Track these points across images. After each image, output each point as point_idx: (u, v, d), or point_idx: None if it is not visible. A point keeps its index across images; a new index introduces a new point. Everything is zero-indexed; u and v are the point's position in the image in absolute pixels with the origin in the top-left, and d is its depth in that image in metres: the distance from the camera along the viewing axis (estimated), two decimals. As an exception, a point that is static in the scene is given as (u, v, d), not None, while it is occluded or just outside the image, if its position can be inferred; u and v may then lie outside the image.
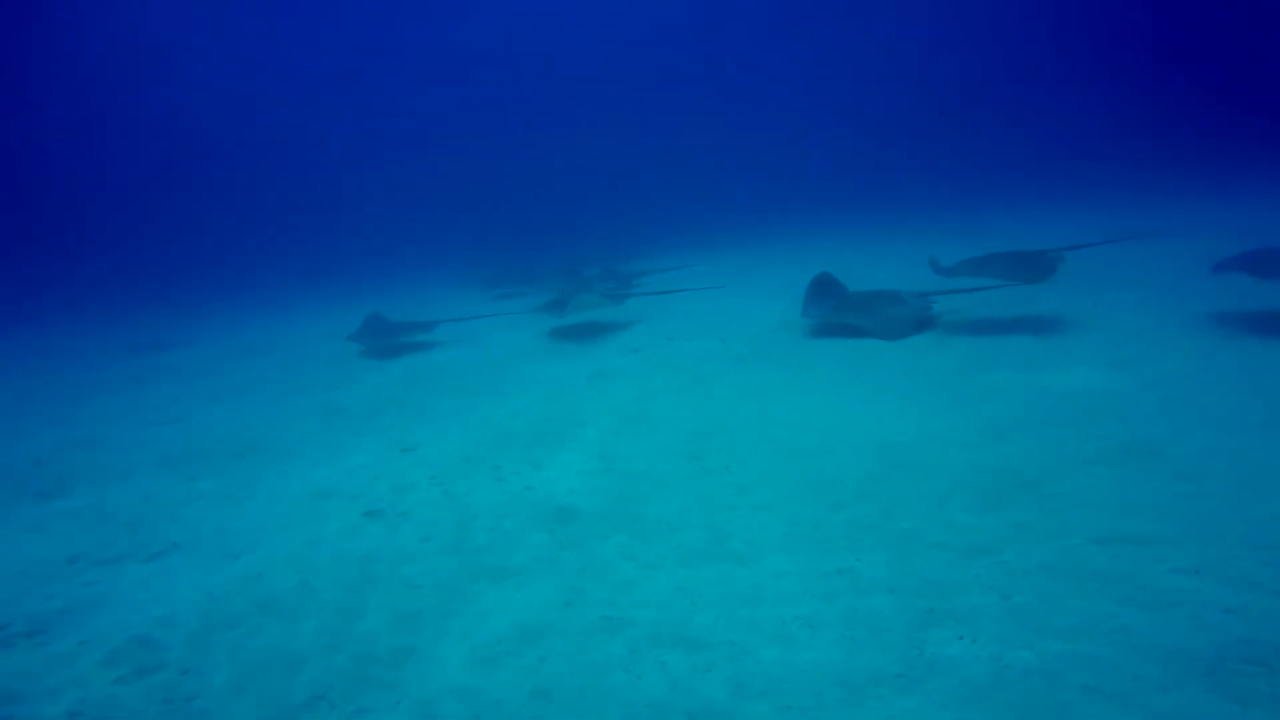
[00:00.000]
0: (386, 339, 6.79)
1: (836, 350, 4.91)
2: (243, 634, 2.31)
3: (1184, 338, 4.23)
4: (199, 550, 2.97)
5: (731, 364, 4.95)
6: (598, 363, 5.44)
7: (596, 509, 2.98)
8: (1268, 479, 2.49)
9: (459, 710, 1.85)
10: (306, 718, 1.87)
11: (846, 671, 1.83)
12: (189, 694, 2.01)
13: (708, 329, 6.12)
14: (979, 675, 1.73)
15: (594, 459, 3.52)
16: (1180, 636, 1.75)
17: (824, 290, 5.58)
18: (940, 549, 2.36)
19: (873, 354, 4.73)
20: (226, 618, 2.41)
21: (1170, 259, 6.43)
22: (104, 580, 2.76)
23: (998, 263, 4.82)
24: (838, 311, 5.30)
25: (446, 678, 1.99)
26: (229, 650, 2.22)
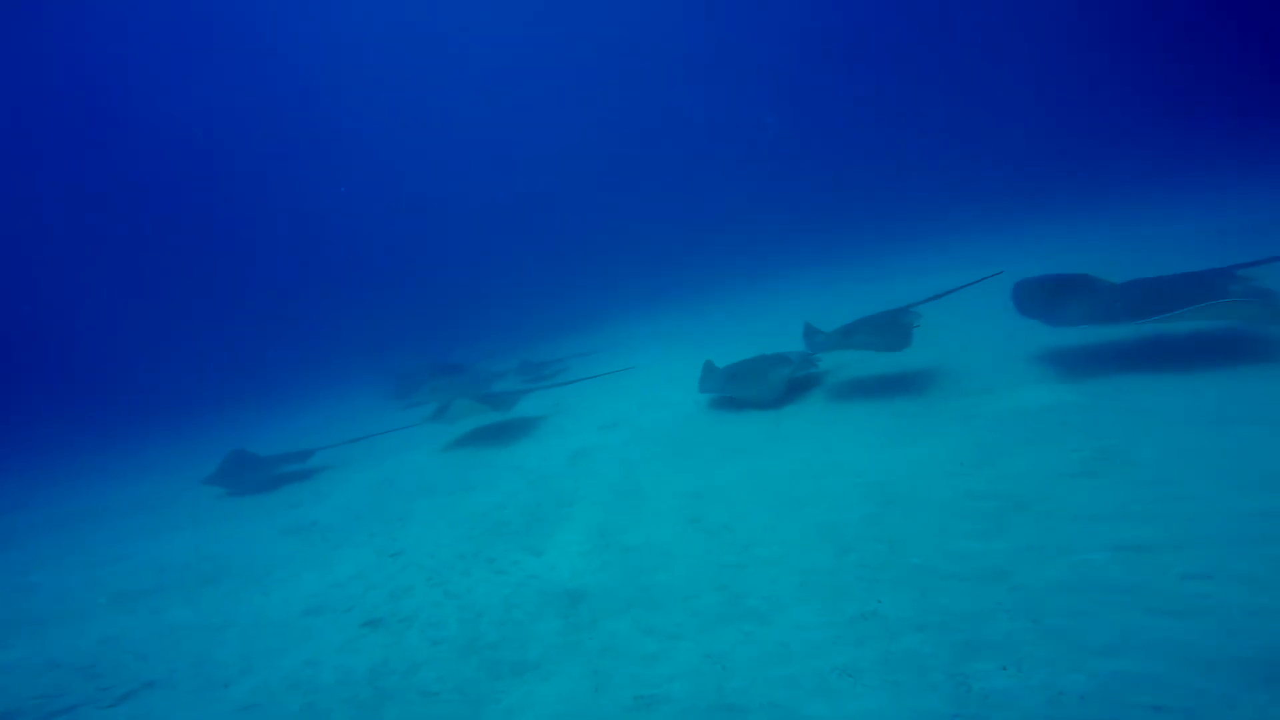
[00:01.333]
0: (253, 475, 5.93)
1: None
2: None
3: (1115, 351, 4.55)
4: (178, 686, 2.69)
5: (650, 459, 4.47)
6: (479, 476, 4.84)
7: (603, 585, 2.88)
8: (1235, 474, 2.62)
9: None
10: None
11: (899, 717, 1.77)
12: None
13: (620, 418, 5.62)
14: (1035, 706, 1.67)
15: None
16: (1221, 644, 1.72)
17: (710, 369, 5.54)
18: (956, 579, 2.37)
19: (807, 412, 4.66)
20: (218, 762, 2.16)
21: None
22: None
23: (861, 333, 4.65)
24: (723, 385, 5.13)
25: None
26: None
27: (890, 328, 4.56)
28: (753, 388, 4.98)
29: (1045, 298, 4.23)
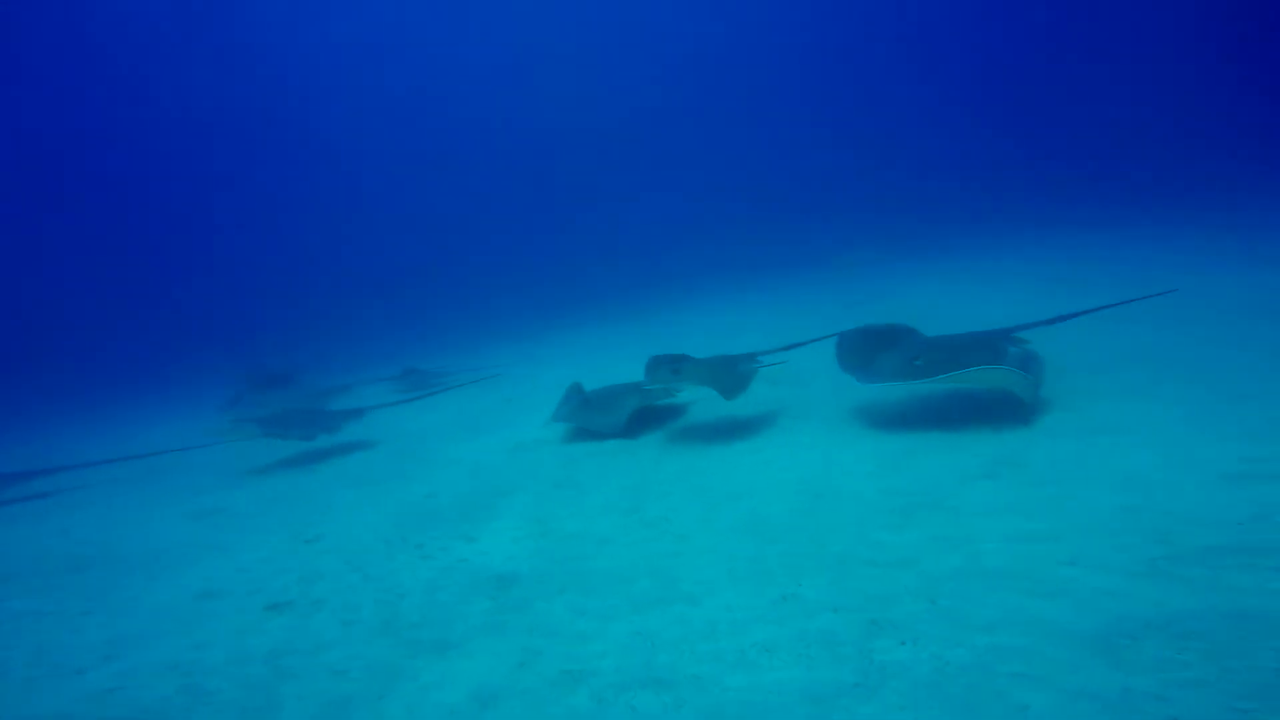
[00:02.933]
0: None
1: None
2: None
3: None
4: (8, 672, 2.32)
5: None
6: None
7: (537, 571, 2.85)
8: (1105, 477, 2.98)
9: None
10: None
11: (810, 687, 1.87)
12: None
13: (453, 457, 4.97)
14: (925, 675, 1.85)
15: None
16: (1075, 620, 1.97)
17: (574, 392, 5.38)
18: (870, 565, 2.56)
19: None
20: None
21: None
22: None
23: (694, 373, 4.36)
24: (574, 414, 4.93)
25: (386, 765, 1.72)
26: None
27: (725, 373, 4.39)
28: (601, 416, 4.74)
29: (859, 353, 4.28)
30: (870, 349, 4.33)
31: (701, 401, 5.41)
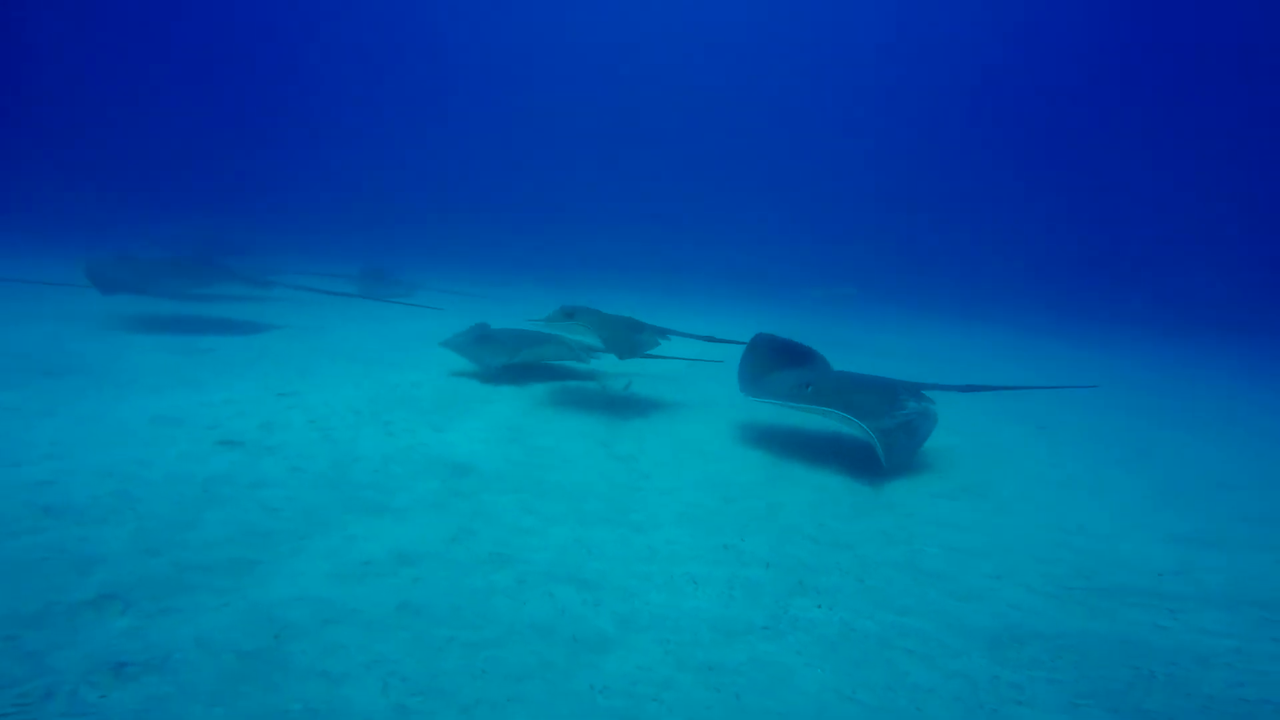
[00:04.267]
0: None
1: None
2: (26, 531, 1.83)
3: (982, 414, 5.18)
4: None
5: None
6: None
7: (497, 470, 2.86)
8: (1056, 514, 3.12)
9: (305, 614, 1.61)
10: (87, 616, 1.50)
11: (722, 620, 1.90)
12: None
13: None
14: (830, 634, 1.92)
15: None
16: (979, 620, 2.09)
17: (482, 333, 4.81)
18: (812, 541, 2.58)
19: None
20: (6, 515, 1.89)
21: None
22: None
23: (587, 318, 4.07)
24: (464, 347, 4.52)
25: (296, 588, 1.74)
26: (3, 543, 1.73)
27: (622, 332, 4.12)
28: (487, 354, 4.43)
29: (761, 364, 4.12)
30: (773, 364, 4.16)
31: (680, 380, 5.38)
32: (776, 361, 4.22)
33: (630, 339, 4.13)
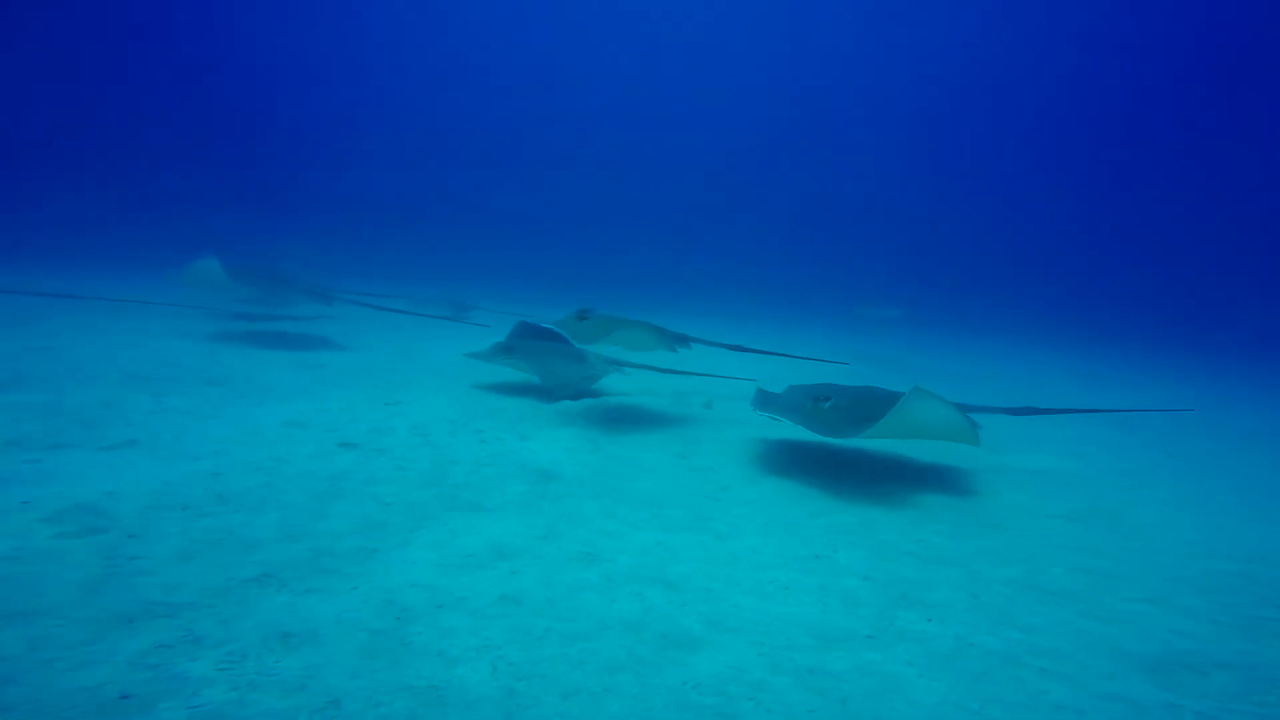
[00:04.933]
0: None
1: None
2: (195, 515, 2.18)
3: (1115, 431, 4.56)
4: (156, 451, 2.83)
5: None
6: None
7: (579, 476, 2.96)
8: (1210, 539, 2.77)
9: (421, 598, 1.77)
10: (254, 591, 1.75)
11: (820, 626, 1.83)
12: (132, 554, 1.87)
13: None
14: (944, 647, 1.78)
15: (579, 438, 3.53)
16: (1130, 644, 1.86)
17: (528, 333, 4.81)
18: (913, 557, 2.42)
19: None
20: (179, 500, 2.28)
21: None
22: (49, 460, 2.59)
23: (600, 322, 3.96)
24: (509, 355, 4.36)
25: (410, 575, 1.91)
26: (179, 526, 2.08)
27: (636, 332, 3.95)
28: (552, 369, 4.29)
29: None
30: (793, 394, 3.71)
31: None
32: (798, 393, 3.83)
33: (638, 334, 3.93)
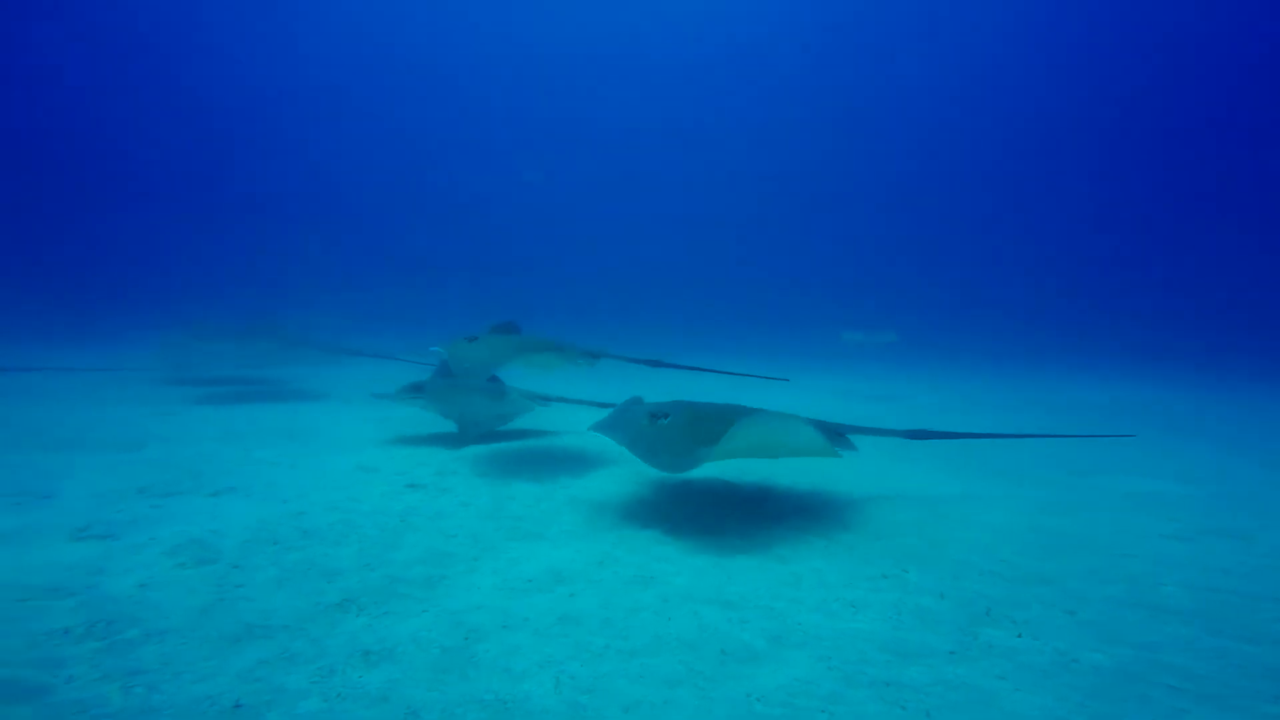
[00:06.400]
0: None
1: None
2: (286, 549, 2.38)
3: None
4: (251, 494, 3.13)
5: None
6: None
7: (631, 509, 2.99)
8: None
9: (487, 619, 1.83)
10: (337, 614, 1.88)
11: (894, 642, 1.73)
12: (236, 582, 2.07)
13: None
14: (1041, 662, 1.64)
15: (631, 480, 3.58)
16: (1268, 658, 1.64)
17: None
18: (995, 576, 2.26)
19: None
20: (272, 536, 2.50)
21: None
22: (168, 505, 2.93)
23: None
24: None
25: (475, 599, 1.98)
26: (273, 558, 2.29)
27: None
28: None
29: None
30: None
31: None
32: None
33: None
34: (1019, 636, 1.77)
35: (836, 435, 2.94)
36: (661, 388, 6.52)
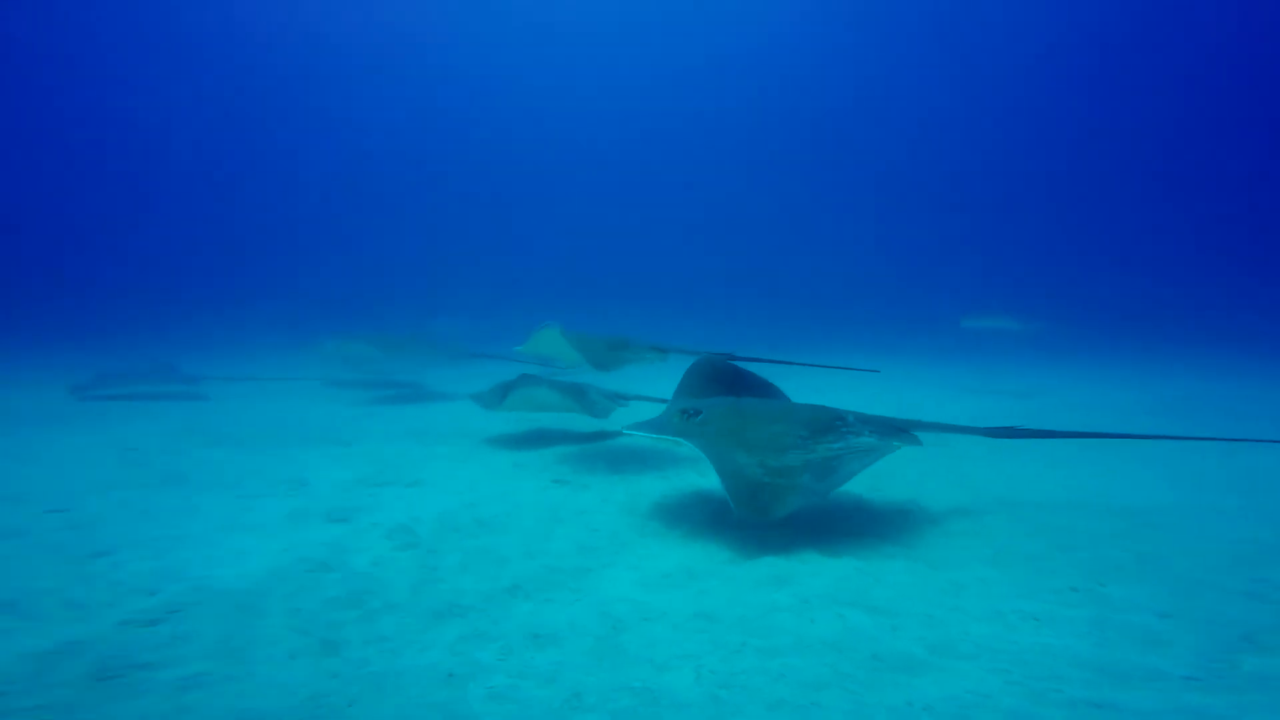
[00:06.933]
0: None
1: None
2: (465, 535, 2.84)
3: None
4: (436, 487, 3.77)
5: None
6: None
7: None
8: None
9: (629, 611, 1.99)
10: (508, 599, 2.20)
11: (1097, 661, 1.51)
12: (433, 565, 2.52)
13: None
14: None
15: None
16: None
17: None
18: (1246, 596, 1.82)
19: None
20: (454, 524, 2.99)
21: None
22: (380, 494, 3.68)
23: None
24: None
25: (618, 591, 2.16)
26: (456, 544, 2.74)
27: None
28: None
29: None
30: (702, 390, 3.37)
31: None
32: (706, 388, 3.41)
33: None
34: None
35: (899, 431, 2.66)
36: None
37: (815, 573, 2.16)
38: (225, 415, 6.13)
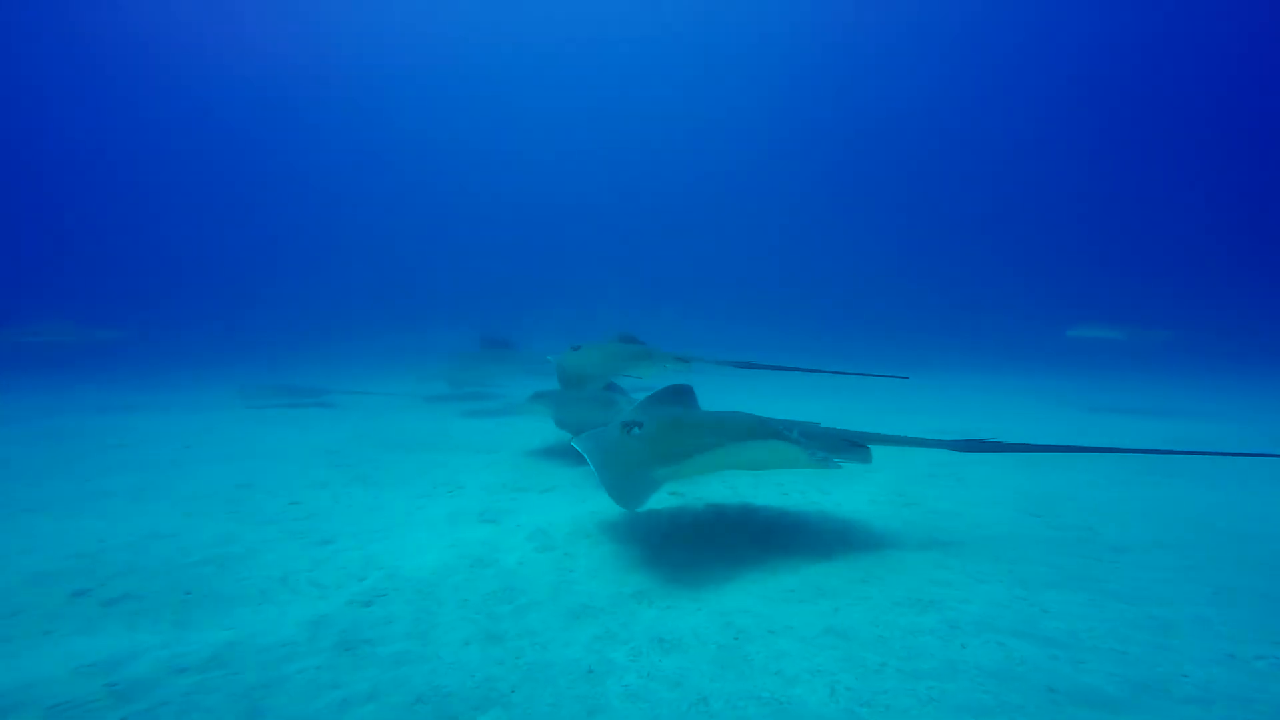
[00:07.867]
0: None
1: None
2: (594, 542, 3.00)
3: None
4: (567, 494, 4.01)
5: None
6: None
7: (892, 530, 2.79)
8: None
9: (752, 623, 2.00)
10: (634, 604, 2.33)
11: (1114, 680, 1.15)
12: (568, 568, 2.76)
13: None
14: None
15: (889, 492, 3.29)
16: None
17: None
18: None
19: None
20: (583, 530, 3.19)
21: None
22: (520, 499, 4.07)
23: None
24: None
25: (739, 603, 2.18)
26: (586, 550, 2.92)
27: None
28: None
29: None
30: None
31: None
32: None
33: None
34: None
35: (852, 445, 2.51)
36: (775, 392, 5.71)
37: (965, 598, 1.97)
38: (383, 424, 6.97)
